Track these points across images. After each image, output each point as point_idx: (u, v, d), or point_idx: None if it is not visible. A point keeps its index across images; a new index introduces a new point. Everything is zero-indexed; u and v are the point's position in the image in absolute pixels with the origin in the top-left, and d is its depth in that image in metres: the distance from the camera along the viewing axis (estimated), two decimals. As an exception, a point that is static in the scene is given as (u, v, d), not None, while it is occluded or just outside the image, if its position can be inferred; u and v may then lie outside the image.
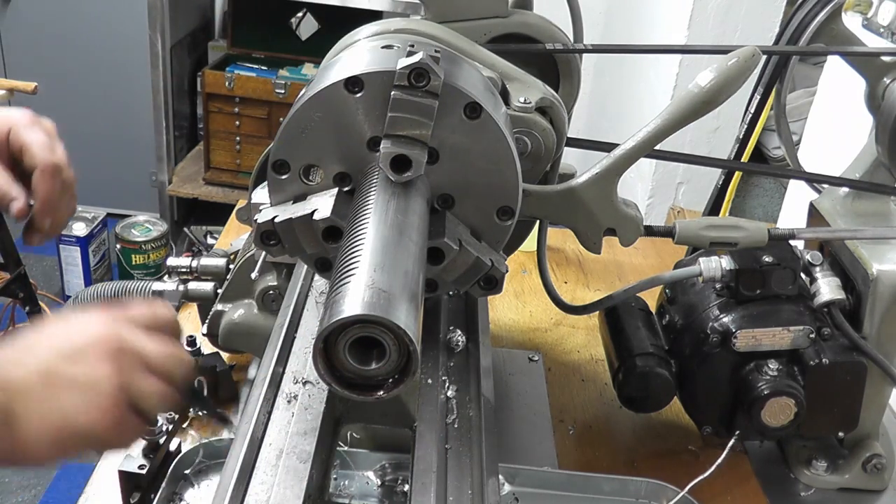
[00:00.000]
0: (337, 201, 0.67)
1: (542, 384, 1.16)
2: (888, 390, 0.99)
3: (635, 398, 0.99)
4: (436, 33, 0.78)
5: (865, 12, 2.00)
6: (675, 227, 0.86)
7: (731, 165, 1.17)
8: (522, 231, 0.89)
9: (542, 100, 0.77)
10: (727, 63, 0.75)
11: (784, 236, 0.89)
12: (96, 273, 3.07)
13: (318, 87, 0.66)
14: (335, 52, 0.80)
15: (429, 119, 0.64)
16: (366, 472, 0.87)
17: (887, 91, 0.95)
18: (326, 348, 0.57)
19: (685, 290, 1.01)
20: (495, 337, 1.24)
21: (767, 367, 0.93)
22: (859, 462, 1.01)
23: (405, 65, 0.63)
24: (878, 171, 0.98)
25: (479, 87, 0.70)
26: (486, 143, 0.67)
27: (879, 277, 0.93)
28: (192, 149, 3.38)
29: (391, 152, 0.64)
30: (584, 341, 1.26)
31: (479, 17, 0.83)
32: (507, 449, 1.02)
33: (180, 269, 1.11)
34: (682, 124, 0.78)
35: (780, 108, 1.02)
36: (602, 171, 0.80)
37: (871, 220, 0.99)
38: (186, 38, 3.24)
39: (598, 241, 0.83)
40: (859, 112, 1.00)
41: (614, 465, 1.03)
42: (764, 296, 0.94)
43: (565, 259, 1.49)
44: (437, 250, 0.67)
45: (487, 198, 0.70)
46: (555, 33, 0.86)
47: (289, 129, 0.68)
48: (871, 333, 0.95)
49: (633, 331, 1.01)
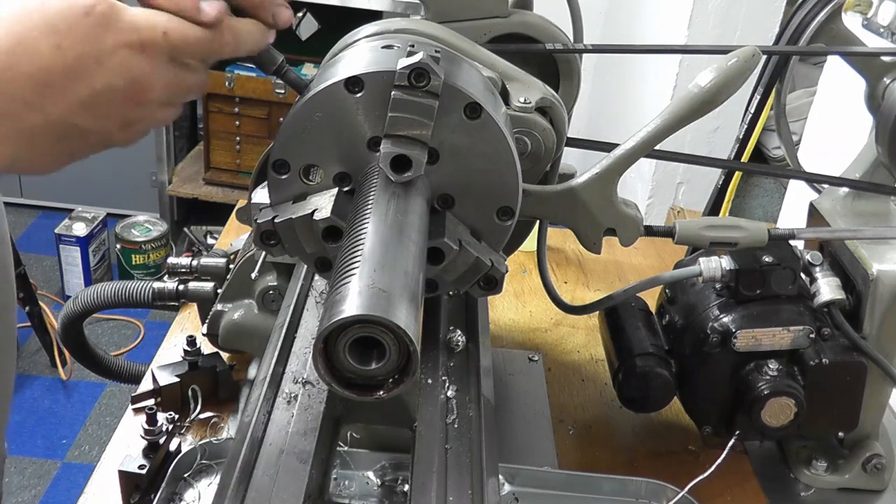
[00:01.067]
0: (337, 201, 0.67)
1: (542, 384, 1.16)
2: (888, 390, 0.99)
3: (635, 398, 0.99)
4: (436, 33, 0.78)
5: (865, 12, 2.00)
6: (675, 227, 0.86)
7: (731, 165, 1.17)
8: (522, 231, 0.89)
9: (542, 100, 0.77)
10: (727, 63, 0.75)
11: (784, 236, 0.89)
12: (96, 273, 3.07)
13: (318, 87, 0.66)
14: (335, 52, 0.80)
15: (429, 119, 0.64)
16: (366, 472, 0.87)
17: (887, 91, 0.95)
18: (326, 348, 0.57)
19: (685, 290, 1.01)
20: (495, 337, 1.24)
21: (767, 367, 0.93)
22: (859, 462, 1.01)
23: (405, 65, 0.63)
24: (878, 171, 0.98)
25: (480, 87, 0.70)
26: (486, 143, 0.67)
27: (879, 277, 0.93)
28: (192, 149, 3.38)
29: (391, 152, 0.64)
30: (584, 341, 1.26)
31: (479, 17, 0.83)
32: (507, 449, 1.02)
33: (180, 269, 1.11)
34: (682, 124, 0.78)
35: (780, 108, 1.02)
36: (602, 171, 0.80)
37: (871, 220, 0.99)
38: (186, 38, 3.25)
39: (598, 241, 0.83)
40: (859, 112, 1.00)
41: (614, 465, 1.03)
42: (764, 296, 0.94)
43: (565, 259, 1.49)
44: (437, 250, 0.67)
45: (487, 198, 0.70)
46: (555, 33, 0.86)
47: (289, 128, 0.68)
48: (871, 333, 0.95)
49: (633, 331, 1.01)
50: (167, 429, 0.91)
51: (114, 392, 2.69)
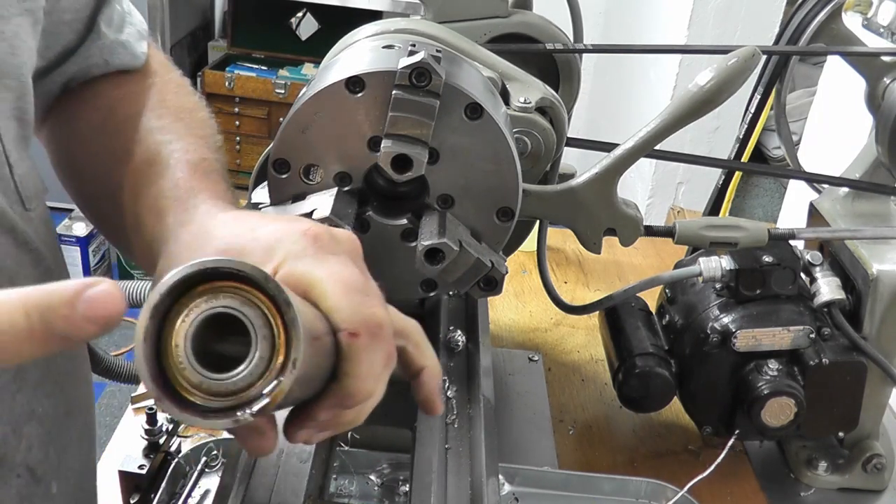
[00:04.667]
0: (337, 201, 0.67)
1: (542, 384, 1.16)
2: (888, 390, 0.99)
3: (635, 398, 0.99)
4: (436, 33, 0.78)
5: (865, 12, 2.00)
6: (675, 227, 0.86)
7: (731, 165, 1.17)
8: (522, 231, 0.89)
9: (542, 100, 0.77)
10: (727, 63, 0.75)
11: (784, 236, 0.89)
12: (96, 273, 3.07)
13: (318, 87, 0.66)
14: (335, 52, 0.80)
15: (430, 119, 0.64)
16: (366, 472, 0.87)
17: (887, 91, 0.95)
18: (159, 347, 0.39)
19: (685, 290, 1.01)
20: (495, 337, 1.24)
21: (767, 367, 0.93)
22: (859, 462, 1.01)
23: (406, 64, 0.63)
24: (878, 171, 0.98)
25: (480, 87, 0.70)
26: (486, 143, 0.67)
27: (879, 277, 0.93)
28: (192, 149, 3.38)
29: (392, 151, 0.64)
30: (584, 341, 1.26)
31: (479, 17, 0.83)
32: (507, 449, 1.01)
33: (180, 269, 1.11)
34: (681, 124, 0.78)
35: (780, 108, 1.02)
36: (602, 171, 0.80)
37: (871, 220, 0.99)
38: (186, 38, 3.25)
39: (598, 241, 0.83)
40: (859, 112, 1.00)
41: (614, 465, 1.03)
42: (764, 296, 0.94)
43: (565, 259, 1.49)
44: (437, 251, 0.67)
45: (487, 198, 0.70)
46: (555, 33, 0.87)
47: (289, 128, 0.68)
48: (871, 333, 0.95)
49: (633, 331, 1.01)
50: (167, 429, 0.91)
51: (114, 392, 2.69)
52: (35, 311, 0.35)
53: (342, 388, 0.47)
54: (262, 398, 0.40)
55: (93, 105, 0.74)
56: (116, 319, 0.35)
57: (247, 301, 0.39)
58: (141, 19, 0.80)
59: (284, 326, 0.40)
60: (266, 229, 0.51)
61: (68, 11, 0.71)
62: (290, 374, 0.39)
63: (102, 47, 0.74)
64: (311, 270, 0.48)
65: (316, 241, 0.50)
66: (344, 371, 0.47)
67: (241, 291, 0.39)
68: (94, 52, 0.74)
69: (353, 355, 0.46)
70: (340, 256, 0.50)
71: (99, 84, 0.75)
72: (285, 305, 0.39)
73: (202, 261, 0.39)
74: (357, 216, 0.68)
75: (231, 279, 0.39)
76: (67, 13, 0.71)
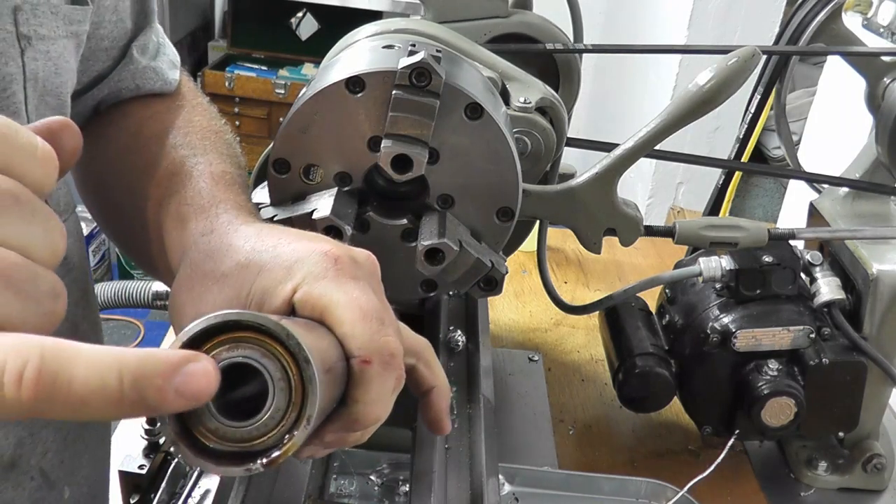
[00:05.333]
0: (336, 201, 0.67)
1: (542, 384, 1.16)
2: (888, 390, 0.99)
3: (635, 398, 0.99)
4: (436, 33, 0.78)
5: (865, 12, 2.00)
6: (675, 227, 0.86)
7: (731, 165, 1.17)
8: (522, 231, 0.89)
9: (542, 100, 0.77)
10: (727, 63, 0.75)
11: (784, 236, 0.89)
12: (96, 273, 3.07)
13: (318, 87, 0.66)
14: (335, 52, 0.80)
15: (430, 119, 0.64)
16: (366, 472, 0.87)
17: (887, 91, 0.95)
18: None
19: (685, 290, 1.01)
20: (495, 337, 1.24)
21: (767, 367, 0.93)
22: (859, 462, 1.01)
23: (406, 64, 0.63)
24: (878, 171, 0.98)
25: (480, 87, 0.70)
26: (486, 143, 0.67)
27: (879, 277, 0.93)
28: (192, 149, 3.38)
29: (392, 151, 0.64)
30: (584, 341, 1.26)
31: (479, 17, 0.83)
32: (507, 449, 1.01)
33: (180, 269, 1.11)
34: (681, 124, 0.78)
35: (780, 108, 1.02)
36: (602, 171, 0.80)
37: (871, 220, 0.99)
38: (186, 38, 3.25)
39: (598, 241, 0.83)
40: (859, 112, 1.00)
41: (614, 465, 1.03)
42: (764, 296, 0.94)
43: (565, 259, 1.49)
44: (437, 251, 0.67)
45: (487, 198, 0.70)
46: (555, 33, 0.87)
47: (289, 128, 0.68)
48: (871, 333, 0.95)
49: (633, 331, 1.01)
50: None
51: (114, 392, 2.68)
52: (129, 375, 0.34)
53: (351, 414, 0.48)
54: (274, 450, 0.41)
55: (121, 125, 0.75)
56: (207, 399, 0.35)
57: (267, 353, 0.40)
58: (174, 51, 0.82)
59: (301, 381, 0.41)
60: (287, 248, 0.51)
61: (107, 39, 0.72)
62: (303, 429, 0.41)
63: (134, 72, 0.76)
64: (328, 294, 0.48)
65: (336, 264, 0.50)
66: (354, 397, 0.47)
67: (262, 343, 0.40)
68: (125, 77, 0.76)
69: (364, 382, 0.47)
70: (360, 282, 0.50)
71: (128, 105, 0.77)
72: (304, 363, 0.40)
73: (226, 312, 0.40)
74: (357, 216, 0.68)
75: (252, 330, 0.40)
76: (106, 40, 0.72)
